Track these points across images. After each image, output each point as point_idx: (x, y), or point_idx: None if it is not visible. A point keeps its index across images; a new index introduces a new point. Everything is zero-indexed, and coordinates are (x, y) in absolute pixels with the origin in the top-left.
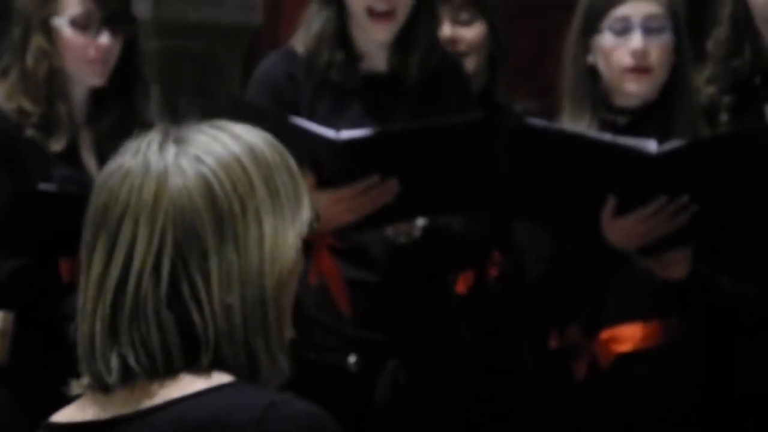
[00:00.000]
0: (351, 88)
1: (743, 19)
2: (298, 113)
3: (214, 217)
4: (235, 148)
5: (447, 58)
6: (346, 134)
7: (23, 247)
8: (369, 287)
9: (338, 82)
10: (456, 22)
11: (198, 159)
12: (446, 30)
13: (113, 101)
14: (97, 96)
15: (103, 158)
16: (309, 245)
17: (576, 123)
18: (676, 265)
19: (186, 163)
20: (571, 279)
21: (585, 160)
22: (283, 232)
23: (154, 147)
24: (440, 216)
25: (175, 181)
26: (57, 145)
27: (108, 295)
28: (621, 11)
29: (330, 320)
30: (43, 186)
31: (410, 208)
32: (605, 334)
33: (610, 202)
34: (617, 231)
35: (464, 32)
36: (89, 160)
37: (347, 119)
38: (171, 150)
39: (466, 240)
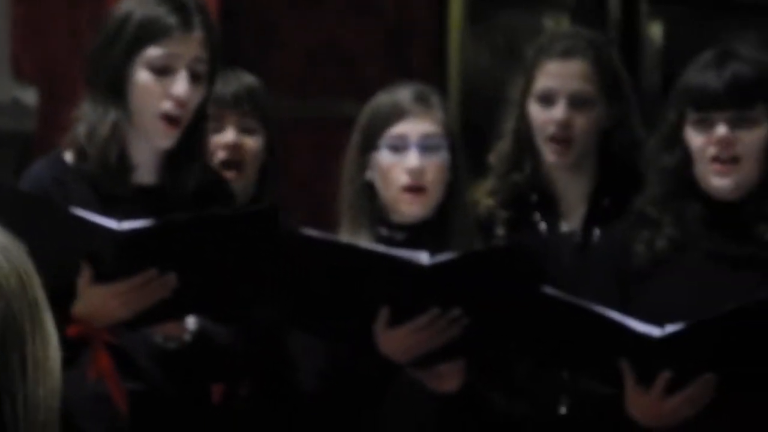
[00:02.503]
0: (120, 199)
1: (525, 135)
2: None
3: (28, 301)
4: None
5: (212, 172)
6: (128, 225)
7: None
8: (137, 397)
9: (107, 191)
10: (241, 129)
11: None
12: (229, 136)
13: None
14: None
15: None
16: (86, 341)
17: (354, 238)
18: (448, 378)
19: None
20: (346, 392)
21: (358, 271)
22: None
23: None
24: (217, 316)
25: None
26: None
27: None
28: (397, 129)
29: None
30: None
31: (188, 304)
32: None
33: (383, 314)
34: (390, 342)
35: (248, 141)
36: None
37: None
38: None
39: (235, 349)
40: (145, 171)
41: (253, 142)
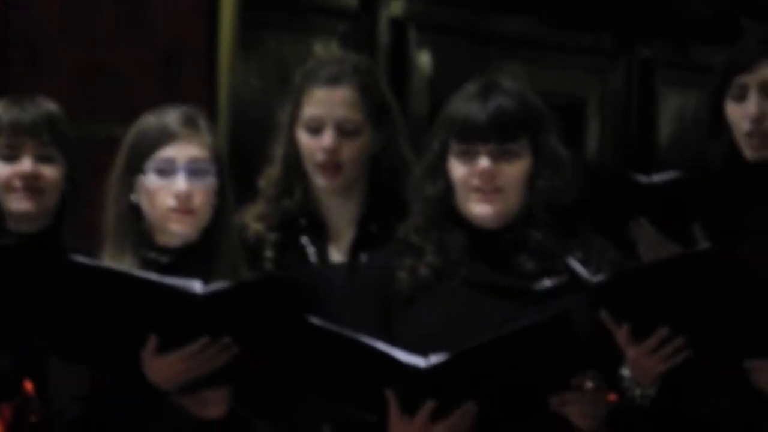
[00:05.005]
0: None
1: (294, 161)
2: None
3: None
4: None
5: None
6: None
7: None
8: None
9: None
10: (38, 158)
11: None
12: (26, 165)
13: None
14: None
15: None
16: None
17: (118, 262)
18: (214, 405)
19: None
20: (107, 419)
21: (129, 298)
22: None
23: None
24: None
25: None
26: None
27: None
28: (165, 153)
29: None
30: None
31: None
32: None
33: (151, 341)
34: (157, 369)
35: (46, 170)
36: None
37: None
38: None
39: None
40: None
41: (51, 172)
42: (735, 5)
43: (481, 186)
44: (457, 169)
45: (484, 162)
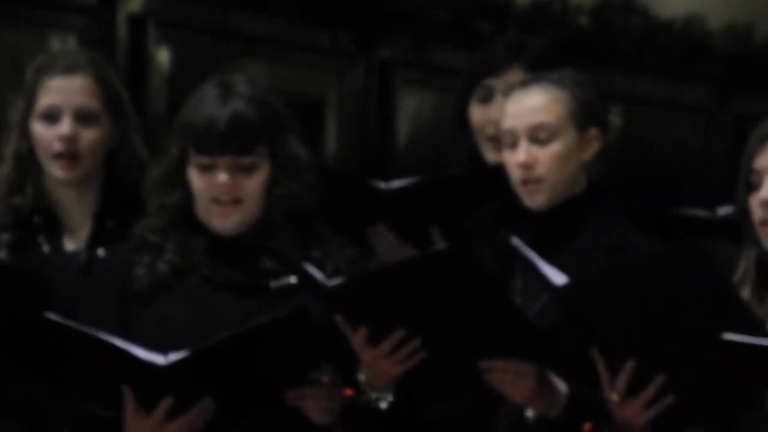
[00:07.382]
0: None
1: (27, 157)
2: None
3: None
4: None
5: None
6: None
7: None
8: None
9: None
10: None
11: None
12: None
13: None
14: None
15: None
16: None
17: None
18: None
19: None
20: None
21: None
22: None
23: None
24: None
25: None
26: None
27: None
28: None
29: None
30: None
31: None
32: None
33: None
34: None
35: None
36: None
37: None
38: None
39: None
40: None
41: None
42: (471, 8)
43: (220, 197)
44: (196, 180)
45: (222, 176)
